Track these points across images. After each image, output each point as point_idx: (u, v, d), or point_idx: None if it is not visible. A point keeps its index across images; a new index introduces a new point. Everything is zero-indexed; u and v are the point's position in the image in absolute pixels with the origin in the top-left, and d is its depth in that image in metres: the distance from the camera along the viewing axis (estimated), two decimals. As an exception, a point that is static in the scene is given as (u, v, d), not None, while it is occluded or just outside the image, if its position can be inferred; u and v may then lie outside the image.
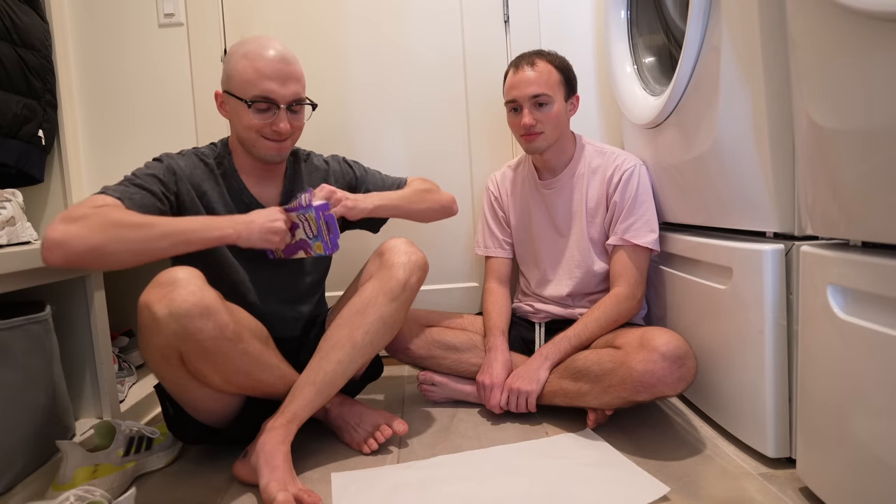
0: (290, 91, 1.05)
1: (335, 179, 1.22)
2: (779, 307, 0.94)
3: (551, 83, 1.24)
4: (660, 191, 1.29)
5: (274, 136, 1.06)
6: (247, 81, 1.03)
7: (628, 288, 1.23)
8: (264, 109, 1.04)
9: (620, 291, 1.23)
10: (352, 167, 1.26)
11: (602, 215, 1.30)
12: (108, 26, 1.63)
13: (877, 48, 0.63)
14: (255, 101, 1.03)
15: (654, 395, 1.02)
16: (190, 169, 1.07)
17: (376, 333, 1.07)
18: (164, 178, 1.02)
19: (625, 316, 1.22)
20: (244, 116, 1.04)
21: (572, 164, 1.33)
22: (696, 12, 1.02)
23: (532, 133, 1.26)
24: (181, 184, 1.04)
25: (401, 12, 1.65)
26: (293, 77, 1.05)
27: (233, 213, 1.09)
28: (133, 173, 1.01)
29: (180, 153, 1.10)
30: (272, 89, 1.03)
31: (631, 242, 1.24)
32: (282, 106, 1.04)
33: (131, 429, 1.03)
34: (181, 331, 0.87)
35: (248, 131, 1.06)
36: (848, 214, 0.75)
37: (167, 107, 1.65)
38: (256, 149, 1.07)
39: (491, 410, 1.22)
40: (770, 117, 0.91)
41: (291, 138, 1.10)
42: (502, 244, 1.44)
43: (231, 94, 1.05)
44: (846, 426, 0.75)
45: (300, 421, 1.00)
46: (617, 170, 1.28)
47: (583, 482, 0.93)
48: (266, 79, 1.02)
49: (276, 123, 1.04)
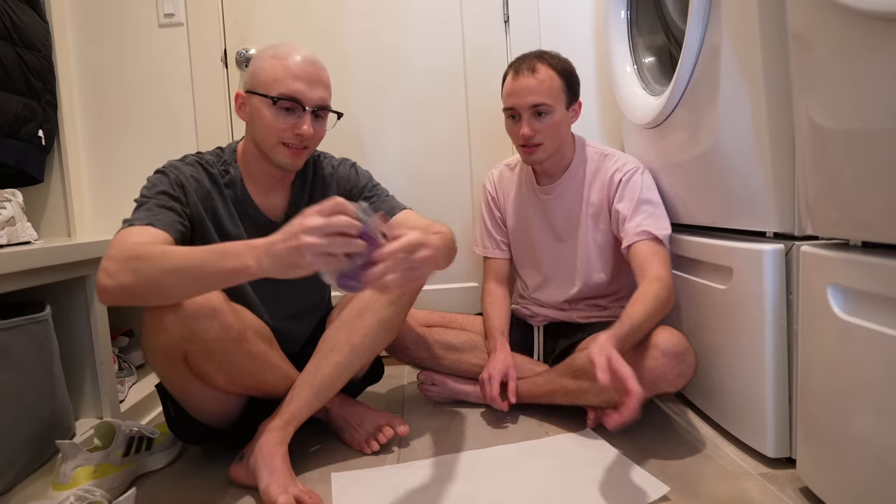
0: (317, 95, 1.02)
1: (337, 185, 1.18)
2: (779, 307, 0.94)
3: (553, 92, 1.18)
4: (659, 191, 1.29)
5: (295, 140, 1.02)
6: (275, 80, 1.00)
7: (664, 269, 1.09)
8: (289, 109, 1.01)
9: (659, 274, 1.08)
10: (358, 175, 1.20)
11: (605, 220, 1.26)
12: (108, 26, 1.63)
13: (877, 48, 0.63)
14: (281, 99, 0.99)
15: (654, 391, 1.02)
16: (196, 179, 1.03)
17: (375, 336, 1.06)
18: (174, 192, 0.99)
19: (665, 302, 1.04)
20: (266, 115, 1.00)
21: (572, 169, 1.29)
22: (696, 12, 1.02)
23: (531, 145, 1.21)
24: (189, 196, 1.01)
25: (401, 12, 1.65)
26: (322, 82, 1.03)
27: (237, 224, 1.07)
28: (145, 195, 0.97)
29: (184, 160, 1.06)
30: (300, 90, 1.00)
31: (650, 233, 1.14)
32: (307, 109, 1.01)
33: (131, 429, 1.03)
34: (186, 331, 0.87)
35: (269, 133, 1.01)
36: (848, 214, 0.75)
37: (167, 107, 1.65)
38: (273, 154, 1.03)
39: (492, 406, 1.19)
40: (770, 117, 0.91)
41: (310, 147, 1.06)
42: (500, 245, 1.42)
43: (255, 93, 1.01)
44: (846, 426, 0.75)
45: (297, 423, 1.00)
46: (617, 172, 1.24)
47: (582, 483, 0.93)
48: (295, 78, 1.00)
49: (299, 126, 1.00)
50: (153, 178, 1.01)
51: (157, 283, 0.81)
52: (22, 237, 1.13)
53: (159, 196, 0.97)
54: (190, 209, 1.01)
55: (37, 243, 1.15)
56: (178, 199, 0.98)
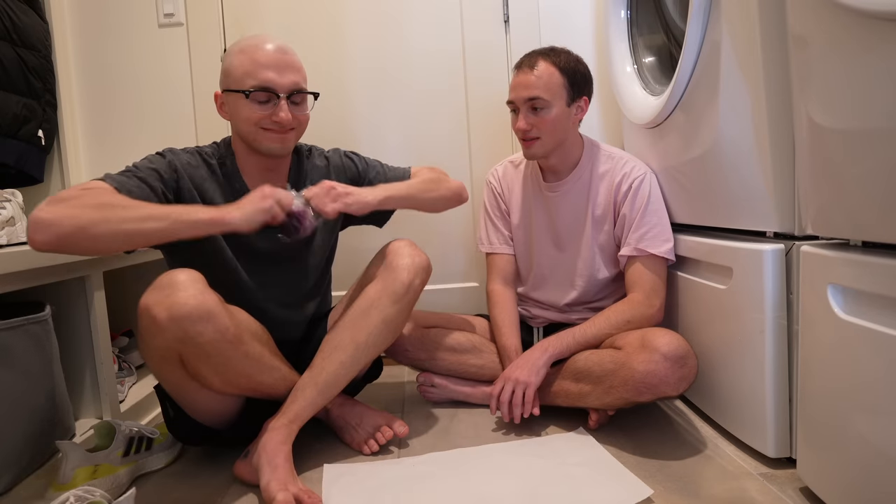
0: (288, 80, 1.02)
1: (336, 175, 1.19)
2: (779, 307, 0.94)
3: (550, 86, 1.19)
4: (660, 191, 1.29)
5: (275, 126, 1.03)
6: (244, 73, 1.00)
7: (643, 294, 1.18)
8: (264, 101, 1.01)
9: (635, 297, 1.19)
10: (353, 160, 1.23)
11: (610, 223, 1.26)
12: (108, 26, 1.63)
13: (877, 47, 0.63)
14: (254, 91, 1.00)
15: (656, 395, 1.02)
16: (192, 167, 1.05)
17: (379, 335, 1.06)
18: (166, 174, 1.00)
19: (638, 320, 1.15)
20: (243, 109, 1.02)
21: (578, 169, 1.28)
22: (696, 12, 1.02)
23: (528, 139, 1.22)
24: (182, 181, 1.02)
25: (401, 12, 1.65)
26: (292, 66, 1.03)
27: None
28: (135, 165, 0.99)
29: (184, 149, 1.08)
30: (270, 78, 1.00)
31: (646, 252, 1.19)
32: (281, 95, 1.01)
33: (131, 429, 1.03)
34: (181, 334, 0.86)
35: (248, 124, 1.02)
36: (848, 214, 0.75)
37: (167, 107, 1.65)
38: (258, 142, 1.04)
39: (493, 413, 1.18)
40: (770, 117, 0.91)
41: (296, 131, 1.07)
42: (507, 240, 1.39)
43: (229, 90, 1.03)
44: (846, 426, 0.75)
45: (302, 421, 1.00)
46: (625, 178, 1.23)
47: (569, 482, 0.93)
48: (263, 68, 1.00)
49: (276, 114, 1.01)
50: (152, 156, 1.03)
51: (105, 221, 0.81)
52: (22, 237, 1.13)
53: (147, 171, 0.98)
54: (181, 194, 1.02)
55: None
56: (164, 182, 0.99)
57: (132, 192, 0.92)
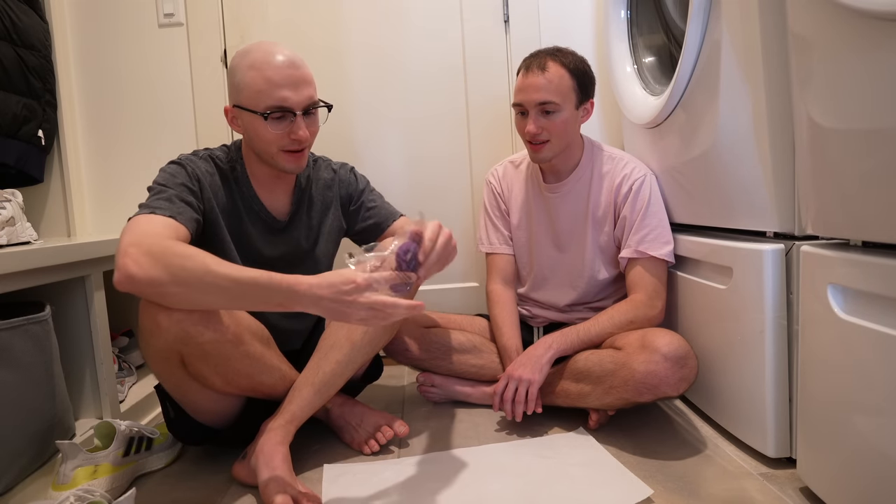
0: (304, 96, 1.01)
1: (339, 187, 1.20)
2: (779, 307, 0.94)
3: (562, 90, 1.17)
4: (660, 191, 1.29)
5: (293, 145, 1.02)
6: (258, 92, 0.98)
7: (645, 295, 1.18)
8: (280, 118, 1.00)
9: (638, 297, 1.19)
10: (357, 179, 1.23)
11: (610, 225, 1.26)
12: (107, 26, 1.63)
13: (877, 47, 0.63)
14: (271, 112, 0.99)
15: (656, 395, 1.02)
16: (210, 175, 1.05)
17: (375, 333, 1.06)
18: (192, 185, 1.00)
19: (640, 321, 1.16)
20: (261, 130, 1.01)
21: (579, 170, 1.28)
22: (696, 12, 1.02)
23: (537, 142, 1.21)
24: (204, 191, 1.02)
25: (401, 12, 1.65)
26: (305, 81, 1.02)
27: (243, 221, 1.08)
28: (162, 183, 0.97)
29: (196, 154, 1.07)
30: (286, 97, 0.99)
31: (646, 254, 1.19)
32: (298, 112, 1.00)
33: (131, 429, 1.03)
34: (182, 334, 0.87)
35: (268, 145, 1.02)
36: (848, 214, 0.75)
37: (167, 107, 1.65)
38: (276, 162, 1.04)
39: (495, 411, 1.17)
40: (770, 117, 0.91)
41: (308, 145, 1.07)
42: (507, 240, 1.38)
43: (243, 108, 1.01)
44: (846, 426, 0.75)
45: (299, 421, 1.00)
46: (626, 179, 1.23)
47: (569, 482, 0.93)
48: (278, 87, 0.98)
49: (294, 132, 1.01)
50: (171, 168, 1.01)
51: (190, 289, 0.81)
52: (22, 237, 1.13)
53: (180, 188, 0.97)
54: (204, 204, 1.02)
55: (36, 243, 1.15)
56: (195, 194, 0.99)
57: (183, 215, 0.92)
